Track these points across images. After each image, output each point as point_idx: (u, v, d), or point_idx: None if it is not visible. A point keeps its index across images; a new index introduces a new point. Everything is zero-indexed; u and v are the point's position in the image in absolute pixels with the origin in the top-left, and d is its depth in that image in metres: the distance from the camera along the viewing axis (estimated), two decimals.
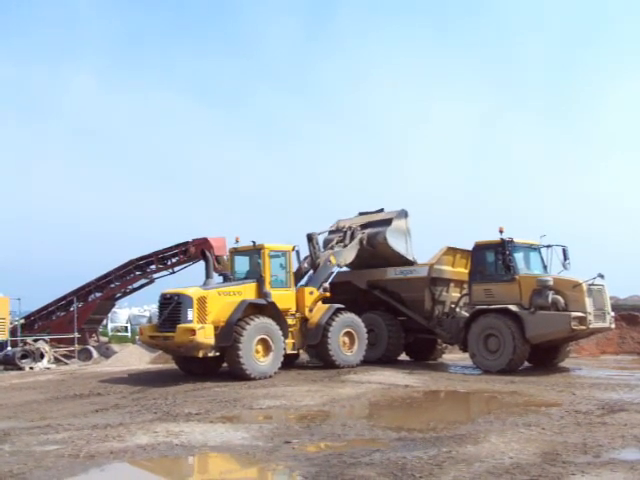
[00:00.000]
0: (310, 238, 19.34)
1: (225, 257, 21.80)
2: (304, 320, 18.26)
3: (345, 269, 21.28)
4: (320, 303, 18.76)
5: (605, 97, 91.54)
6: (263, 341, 16.44)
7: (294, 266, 18.44)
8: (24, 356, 21.53)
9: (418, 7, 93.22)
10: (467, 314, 18.87)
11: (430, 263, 19.96)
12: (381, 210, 21.50)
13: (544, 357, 18.75)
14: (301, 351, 19.41)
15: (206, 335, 15.57)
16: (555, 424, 10.01)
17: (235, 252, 18.74)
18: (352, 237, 20.29)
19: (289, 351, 17.52)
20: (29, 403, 13.23)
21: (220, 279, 18.42)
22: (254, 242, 17.73)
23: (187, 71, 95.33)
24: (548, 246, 18.51)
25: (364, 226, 20.83)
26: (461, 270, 20.05)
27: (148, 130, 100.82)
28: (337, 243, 20.14)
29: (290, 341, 17.66)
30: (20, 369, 20.88)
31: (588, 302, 17.06)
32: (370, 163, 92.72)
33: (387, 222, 20.67)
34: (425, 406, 13.03)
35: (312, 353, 19.89)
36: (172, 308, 16.08)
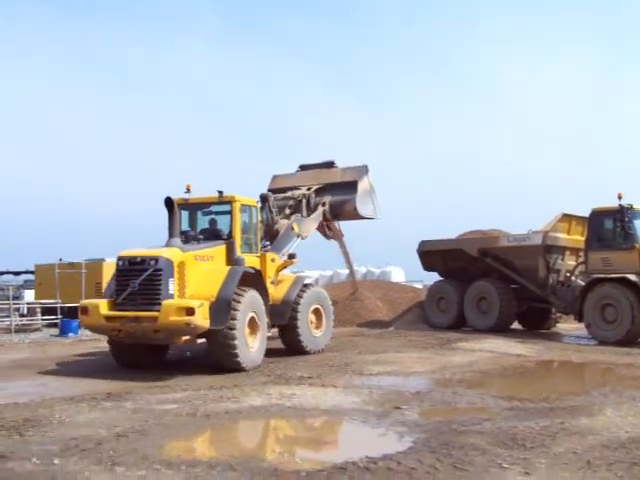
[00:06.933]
0: (265, 199, 15.85)
1: None
2: None
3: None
4: (282, 273, 15.49)
5: None
6: (252, 321, 12.86)
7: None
8: None
9: None
10: (583, 283, 18.36)
11: (545, 230, 19.46)
12: (331, 163, 18.92)
13: None
14: None
15: (205, 315, 11.70)
16: None
17: (185, 205, 14.17)
18: (309, 206, 17.55)
19: None
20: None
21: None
22: (221, 192, 13.74)
23: (296, 35, 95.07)
24: None
25: (319, 191, 18.09)
26: (577, 238, 19.45)
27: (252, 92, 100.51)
28: (292, 213, 17.16)
29: None
30: None
31: None
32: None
33: (352, 186, 18.08)
34: (538, 376, 12.87)
35: None
36: (148, 276, 12.02)
